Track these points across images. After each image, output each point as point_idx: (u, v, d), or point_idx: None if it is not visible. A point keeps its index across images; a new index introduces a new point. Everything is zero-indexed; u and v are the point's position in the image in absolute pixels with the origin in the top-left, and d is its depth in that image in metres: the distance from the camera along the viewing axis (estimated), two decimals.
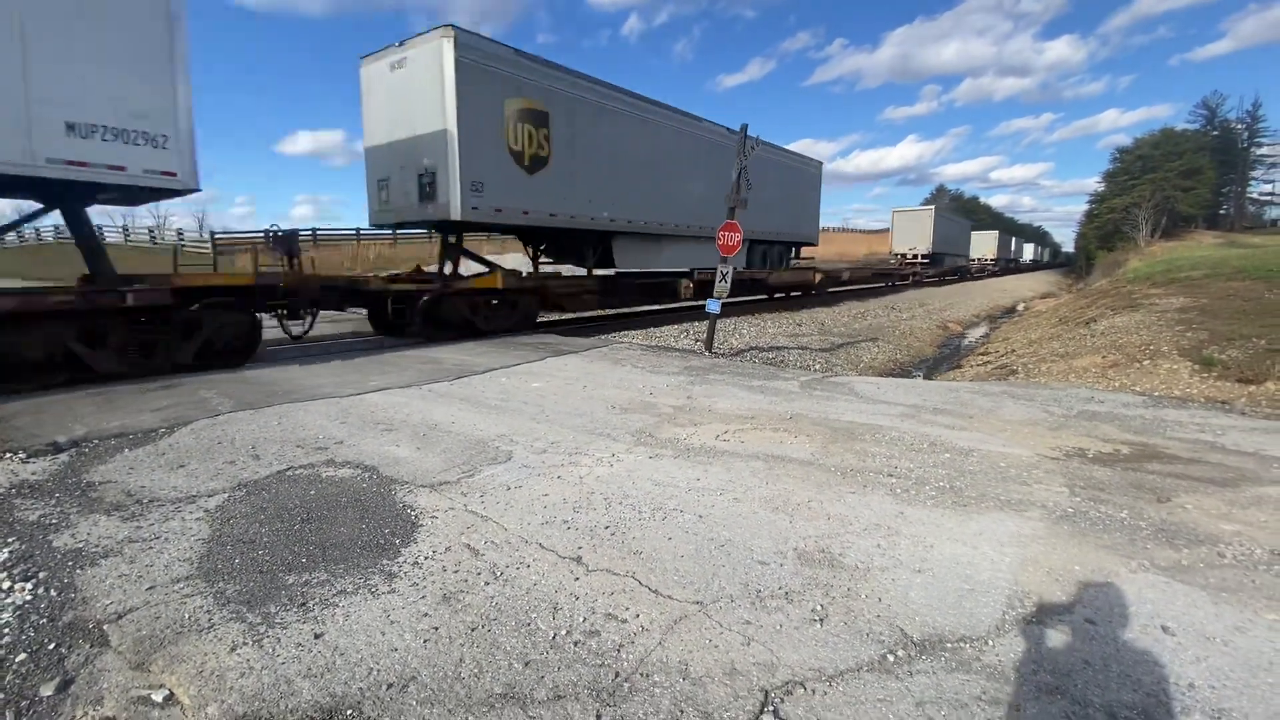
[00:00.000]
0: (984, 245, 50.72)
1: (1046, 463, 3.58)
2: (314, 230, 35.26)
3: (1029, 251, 69.71)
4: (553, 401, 5.12)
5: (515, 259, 13.40)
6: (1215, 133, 58.64)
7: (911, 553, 2.52)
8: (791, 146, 19.64)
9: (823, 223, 22.60)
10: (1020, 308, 27.02)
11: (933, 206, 33.77)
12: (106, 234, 37.91)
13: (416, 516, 2.88)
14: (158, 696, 1.74)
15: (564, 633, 2.00)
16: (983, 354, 13.56)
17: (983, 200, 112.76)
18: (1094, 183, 61.26)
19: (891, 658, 1.88)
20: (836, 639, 1.97)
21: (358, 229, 37.30)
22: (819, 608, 2.14)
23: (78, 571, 2.40)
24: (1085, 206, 62.84)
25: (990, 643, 1.94)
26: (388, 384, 5.69)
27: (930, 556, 2.49)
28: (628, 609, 2.14)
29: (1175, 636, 1.97)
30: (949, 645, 1.93)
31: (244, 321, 6.83)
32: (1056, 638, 1.97)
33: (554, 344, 8.50)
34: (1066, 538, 2.65)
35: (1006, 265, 54.08)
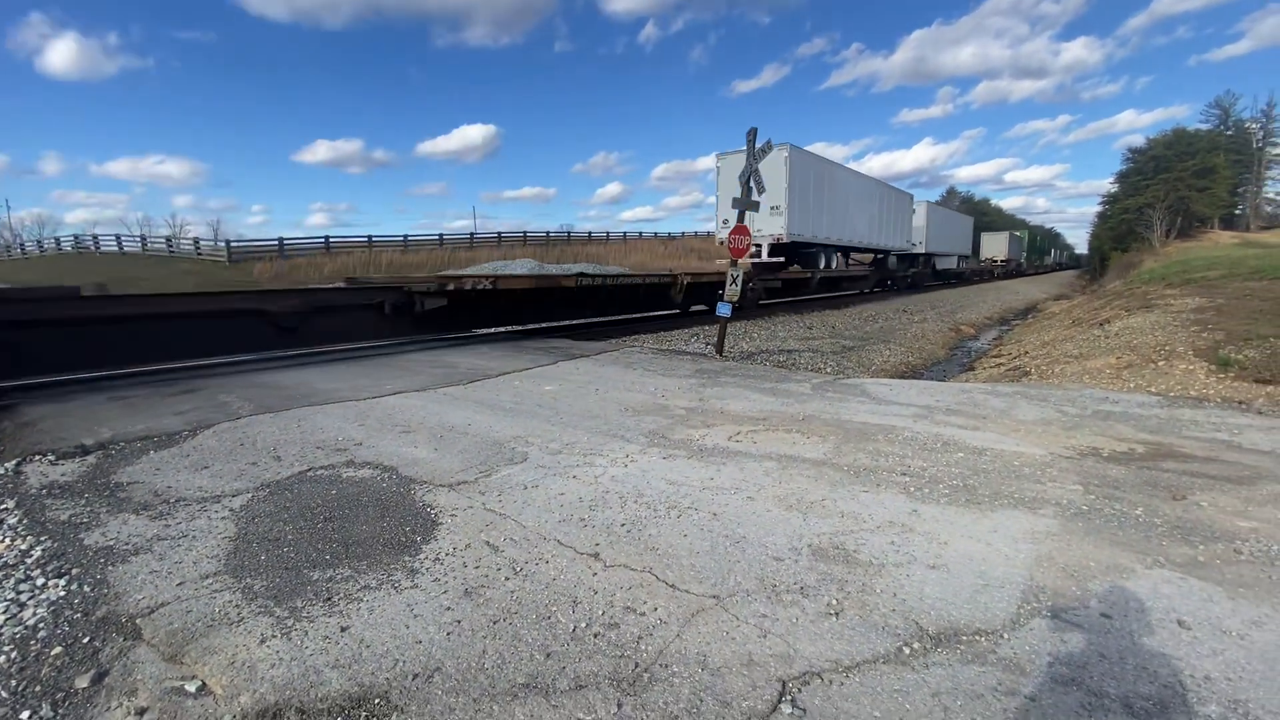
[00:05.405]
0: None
1: (1061, 461, 3.58)
2: (327, 238, 37.05)
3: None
4: (566, 404, 5.17)
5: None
6: (1229, 132, 57.81)
7: (926, 549, 2.54)
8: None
9: None
10: (1033, 310, 26.78)
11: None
12: (125, 244, 38.80)
13: (436, 515, 2.93)
14: (191, 687, 1.80)
15: (584, 625, 2.04)
16: (995, 356, 13.45)
17: (994, 202, 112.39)
18: (1108, 183, 60.57)
19: (907, 650, 1.90)
20: (852, 632, 1.99)
21: (369, 236, 38.70)
22: (834, 602, 2.16)
23: (109, 568, 2.47)
24: (1099, 208, 62.29)
25: (1006, 636, 1.96)
26: (403, 387, 5.76)
27: (945, 553, 2.50)
28: (646, 603, 2.17)
29: (1191, 631, 1.98)
30: (964, 638, 1.95)
31: None
32: (1072, 632, 1.98)
33: (565, 348, 8.56)
34: (1081, 535, 2.65)
35: (1018, 268, 54.46)
